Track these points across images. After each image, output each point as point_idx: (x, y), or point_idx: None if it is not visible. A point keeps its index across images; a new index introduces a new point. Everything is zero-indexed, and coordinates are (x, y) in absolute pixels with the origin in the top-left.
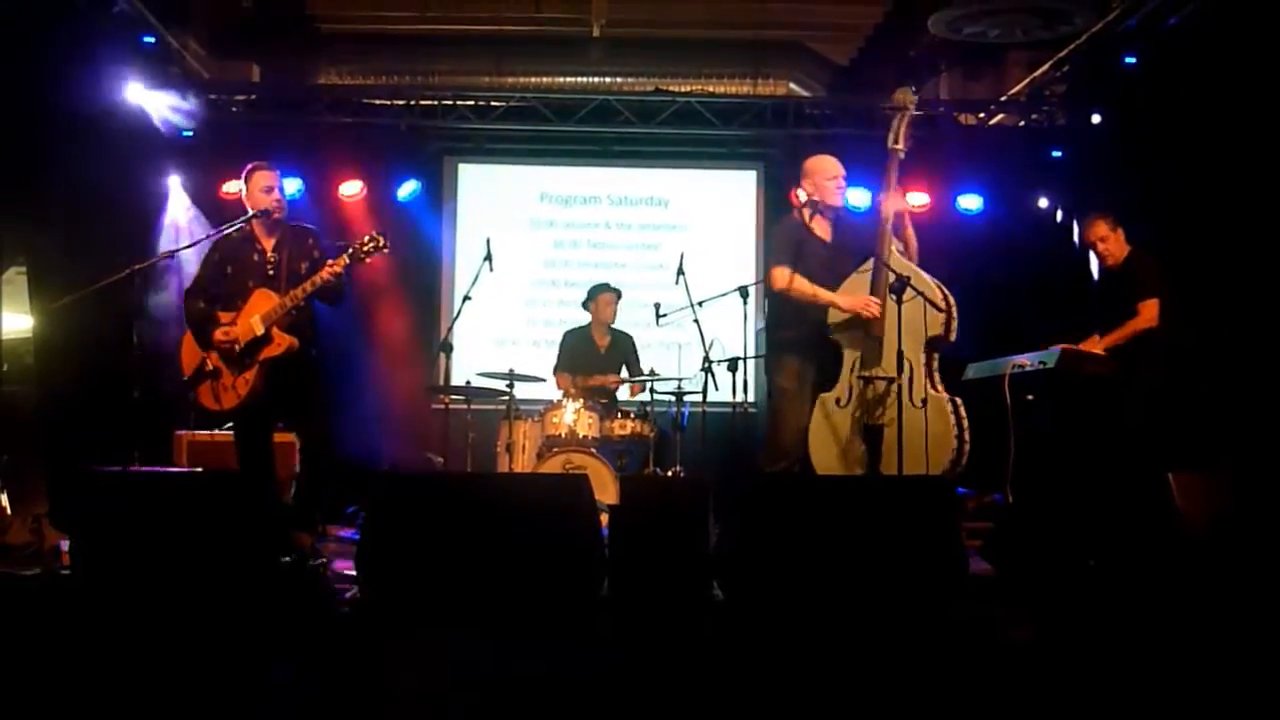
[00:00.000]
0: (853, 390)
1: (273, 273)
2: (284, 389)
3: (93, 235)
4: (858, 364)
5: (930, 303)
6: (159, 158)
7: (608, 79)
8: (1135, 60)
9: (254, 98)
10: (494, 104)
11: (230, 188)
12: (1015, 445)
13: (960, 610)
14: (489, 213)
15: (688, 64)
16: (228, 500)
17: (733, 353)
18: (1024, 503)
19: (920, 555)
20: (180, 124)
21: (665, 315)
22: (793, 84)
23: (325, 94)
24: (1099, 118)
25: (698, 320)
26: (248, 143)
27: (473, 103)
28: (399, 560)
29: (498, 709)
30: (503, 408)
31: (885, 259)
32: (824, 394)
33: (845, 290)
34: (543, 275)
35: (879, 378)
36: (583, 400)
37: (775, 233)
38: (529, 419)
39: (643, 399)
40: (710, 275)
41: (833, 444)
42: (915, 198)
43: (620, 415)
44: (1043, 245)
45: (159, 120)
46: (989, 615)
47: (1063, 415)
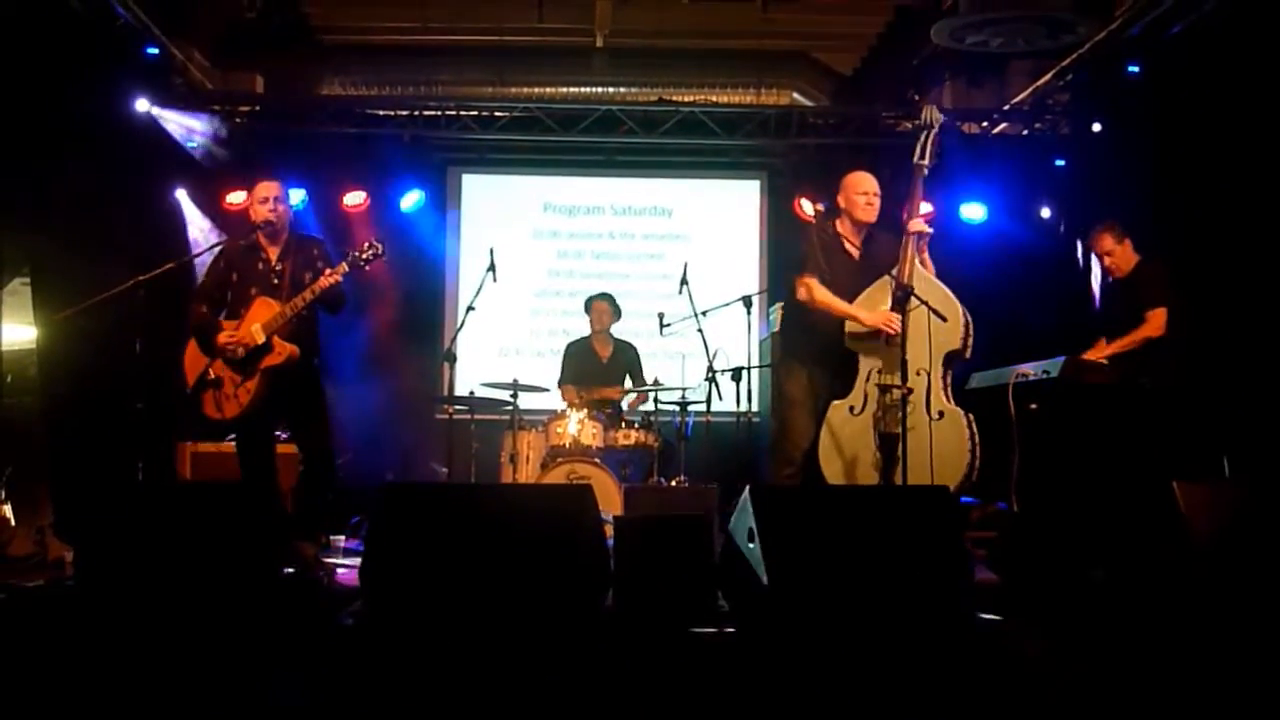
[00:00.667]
0: (868, 398)
1: (276, 282)
2: (285, 398)
3: (96, 246)
4: (875, 372)
5: (937, 314)
6: (163, 169)
7: (611, 89)
8: (1138, 69)
9: (258, 109)
10: (497, 114)
11: (234, 199)
12: (1020, 454)
13: (980, 623)
14: (492, 223)
15: (691, 74)
16: (230, 511)
17: (736, 362)
18: (1029, 512)
19: (926, 563)
20: (215, 151)
21: (669, 325)
22: (796, 94)
23: (329, 105)
24: (1101, 126)
25: (701, 330)
26: (252, 153)
27: (476, 113)
28: (402, 571)
29: None
30: (507, 418)
31: (909, 274)
32: (836, 401)
33: (864, 302)
34: (546, 285)
35: (897, 386)
36: (587, 410)
37: (804, 240)
38: (533, 429)
39: (647, 409)
40: (714, 285)
41: (844, 452)
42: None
43: (624, 425)
44: (1046, 254)
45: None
46: (998, 626)
47: (1067, 424)
